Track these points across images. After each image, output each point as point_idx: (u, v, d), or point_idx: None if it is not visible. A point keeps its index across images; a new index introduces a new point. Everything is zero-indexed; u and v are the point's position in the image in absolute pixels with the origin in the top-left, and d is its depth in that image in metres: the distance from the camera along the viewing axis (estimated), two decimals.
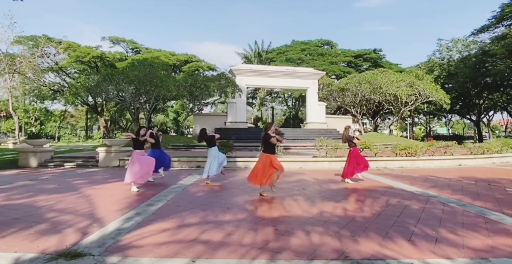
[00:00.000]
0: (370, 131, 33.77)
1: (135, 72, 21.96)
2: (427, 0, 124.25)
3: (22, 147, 13.77)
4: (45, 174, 9.62)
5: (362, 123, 31.81)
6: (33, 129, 44.66)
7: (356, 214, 4.68)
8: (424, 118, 50.06)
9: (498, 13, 28.06)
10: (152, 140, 7.54)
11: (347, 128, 7.90)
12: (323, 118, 29.12)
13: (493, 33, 30.37)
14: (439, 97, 25.19)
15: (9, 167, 11.74)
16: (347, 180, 7.68)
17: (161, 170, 8.22)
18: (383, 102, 27.24)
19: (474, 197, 5.89)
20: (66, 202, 5.52)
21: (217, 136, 7.99)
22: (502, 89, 32.18)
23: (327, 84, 30.73)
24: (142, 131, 7.04)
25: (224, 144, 11.41)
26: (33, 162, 12.08)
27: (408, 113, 33.41)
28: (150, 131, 7.53)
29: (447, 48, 36.78)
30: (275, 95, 47.33)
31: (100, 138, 41.63)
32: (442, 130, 59.57)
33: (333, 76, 39.79)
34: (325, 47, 45.85)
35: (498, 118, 52.38)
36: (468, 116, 39.48)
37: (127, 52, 39.05)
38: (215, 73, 35.02)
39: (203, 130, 8.01)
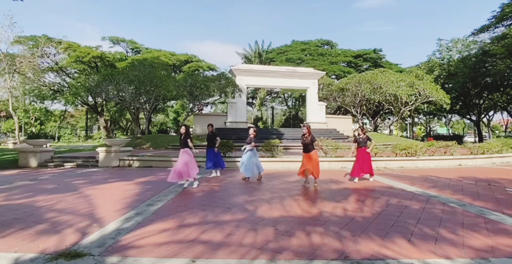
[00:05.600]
0: (370, 131, 33.74)
1: (135, 72, 21.94)
2: (427, 0, 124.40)
3: (22, 147, 13.75)
4: (45, 174, 9.62)
5: (362, 123, 31.80)
6: (33, 129, 44.62)
7: (356, 214, 4.68)
8: (424, 118, 50.05)
9: (498, 13, 28.04)
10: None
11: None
12: (323, 118, 29.08)
13: (493, 33, 30.34)
14: (439, 97, 25.17)
15: (9, 167, 11.74)
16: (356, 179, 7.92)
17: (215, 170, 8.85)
18: (383, 102, 27.23)
19: (474, 197, 5.88)
20: (66, 202, 5.52)
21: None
22: (502, 89, 32.16)
23: (327, 84, 30.71)
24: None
25: (224, 144, 11.40)
26: (33, 162, 12.08)
27: (408, 113, 33.42)
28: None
29: (447, 48, 36.79)
30: (275, 95, 47.31)
31: (100, 138, 41.64)
32: (442, 130, 59.58)
33: (333, 76, 39.77)
34: (325, 47, 45.83)
35: (498, 118, 52.46)
36: (468, 116, 39.48)
37: (127, 52, 39.05)
38: (215, 73, 35.01)
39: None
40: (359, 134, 8.05)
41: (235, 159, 11.34)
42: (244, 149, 8.20)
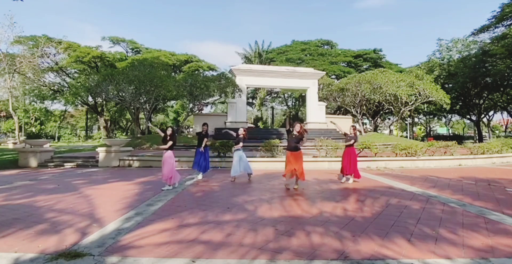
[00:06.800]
0: (370, 131, 33.75)
1: (135, 72, 21.93)
2: (427, 0, 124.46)
3: (22, 147, 13.75)
4: (45, 174, 9.62)
5: (362, 123, 31.78)
6: (33, 129, 44.60)
7: (356, 214, 4.68)
8: (424, 118, 50.04)
9: (498, 13, 28.04)
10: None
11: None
12: (323, 118, 29.06)
13: (493, 33, 30.35)
14: (439, 97, 25.16)
15: (9, 167, 11.74)
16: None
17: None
18: (383, 102, 27.22)
19: (474, 197, 5.88)
20: (66, 202, 5.52)
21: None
22: (502, 89, 32.16)
23: (327, 84, 30.71)
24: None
25: (224, 144, 11.40)
26: (33, 162, 12.08)
27: (408, 113, 33.40)
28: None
29: (447, 48, 36.78)
30: (275, 95, 47.30)
31: (99, 138, 41.60)
32: (442, 130, 59.61)
33: (333, 76, 39.77)
34: (325, 47, 45.81)
35: (498, 118, 52.48)
36: (468, 116, 39.46)
37: (127, 52, 39.02)
38: (215, 73, 34.97)
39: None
40: (350, 133, 7.91)
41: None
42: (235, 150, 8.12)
